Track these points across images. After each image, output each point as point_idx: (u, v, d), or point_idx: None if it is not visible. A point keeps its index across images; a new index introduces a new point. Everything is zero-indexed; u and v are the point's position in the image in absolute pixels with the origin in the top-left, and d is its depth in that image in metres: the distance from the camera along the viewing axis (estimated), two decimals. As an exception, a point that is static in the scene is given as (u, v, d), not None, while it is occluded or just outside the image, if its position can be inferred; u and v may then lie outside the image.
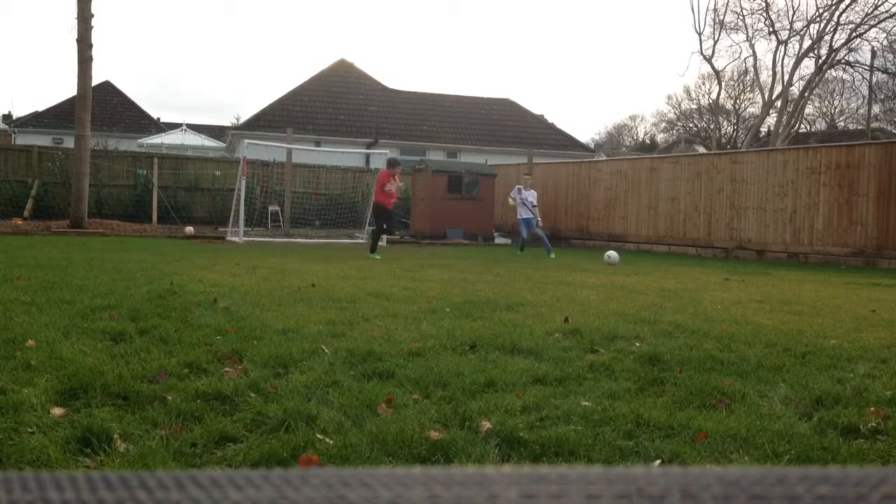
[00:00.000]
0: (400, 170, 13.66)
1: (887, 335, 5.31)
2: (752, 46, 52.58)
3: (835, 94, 41.64)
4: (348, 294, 6.81)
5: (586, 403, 3.22)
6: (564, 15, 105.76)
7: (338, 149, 24.87)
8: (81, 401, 3.09)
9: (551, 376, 3.73)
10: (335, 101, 30.12)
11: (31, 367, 3.55)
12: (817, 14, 32.14)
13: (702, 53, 37.28)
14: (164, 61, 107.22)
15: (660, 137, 58.33)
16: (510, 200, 15.47)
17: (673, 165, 18.84)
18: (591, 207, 20.78)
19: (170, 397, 3.13)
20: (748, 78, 41.38)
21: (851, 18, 31.74)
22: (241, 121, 33.71)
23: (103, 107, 35.15)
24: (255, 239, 16.93)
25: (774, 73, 34.29)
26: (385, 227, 13.50)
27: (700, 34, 40.40)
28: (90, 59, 17.46)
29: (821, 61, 32.71)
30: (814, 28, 32.60)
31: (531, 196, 15.05)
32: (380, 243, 13.59)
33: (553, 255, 14.37)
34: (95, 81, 19.22)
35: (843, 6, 31.00)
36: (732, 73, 44.69)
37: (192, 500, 0.32)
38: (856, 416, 3.12)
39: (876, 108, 36.19)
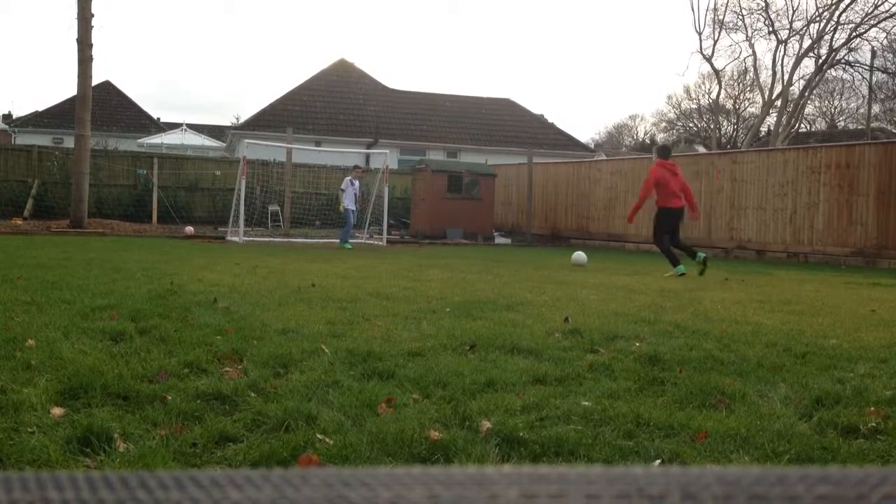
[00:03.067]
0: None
1: (887, 335, 5.31)
2: (751, 46, 52.63)
3: (835, 94, 41.66)
4: (348, 294, 6.81)
5: (586, 403, 3.22)
6: (564, 15, 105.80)
7: (338, 149, 24.88)
8: (81, 401, 3.09)
9: (551, 376, 3.73)
10: (335, 101, 30.13)
11: (31, 367, 3.55)
12: (817, 14, 32.18)
13: (702, 53, 37.26)
14: (164, 61, 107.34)
15: (660, 137, 58.29)
16: (344, 199, 16.00)
17: (673, 165, 18.83)
18: (591, 207, 20.78)
19: (170, 397, 3.13)
20: (748, 78, 41.43)
21: (851, 18, 31.77)
22: (241, 121, 33.73)
23: (103, 107, 35.13)
24: (255, 239, 16.93)
25: (774, 73, 34.33)
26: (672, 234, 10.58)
27: (700, 34, 40.38)
28: (90, 59, 17.46)
29: (821, 61, 32.72)
30: (814, 28, 32.65)
31: (357, 188, 16.33)
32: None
33: (349, 247, 15.35)
34: (95, 81, 19.22)
35: (843, 6, 31.03)
36: (732, 72, 44.73)
37: (192, 500, 0.32)
38: (856, 416, 3.12)
39: (876, 108, 36.22)
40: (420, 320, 5.35)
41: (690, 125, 53.19)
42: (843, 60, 32.99)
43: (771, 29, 33.91)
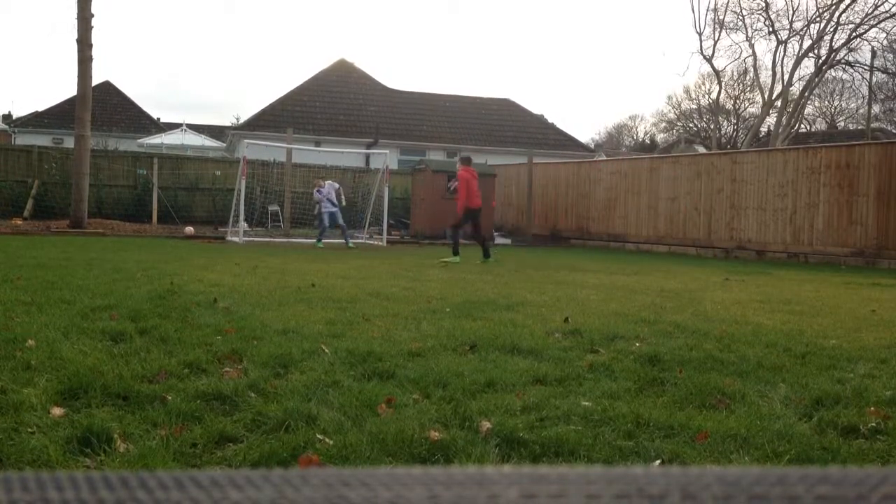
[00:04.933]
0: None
1: (887, 335, 5.31)
2: (751, 46, 52.61)
3: (835, 94, 41.63)
4: (348, 294, 6.81)
5: (586, 403, 3.22)
6: (564, 15, 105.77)
7: (338, 149, 24.87)
8: (81, 401, 3.09)
9: (551, 376, 3.73)
10: (335, 101, 30.11)
11: (31, 367, 3.55)
12: (817, 14, 32.15)
13: (702, 53, 37.18)
14: (164, 61, 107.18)
15: (660, 137, 58.28)
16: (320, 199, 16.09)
17: (673, 165, 18.84)
18: (591, 207, 20.77)
19: (170, 397, 3.13)
20: (748, 78, 41.40)
21: (851, 18, 31.74)
22: (241, 121, 33.71)
23: (103, 107, 35.12)
24: (255, 239, 16.93)
25: (774, 73, 34.30)
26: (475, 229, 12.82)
27: (700, 34, 40.27)
28: (90, 59, 17.47)
29: (821, 61, 32.71)
30: (814, 28, 32.63)
31: (333, 192, 16.22)
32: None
33: (352, 246, 15.71)
34: (95, 81, 19.22)
35: (843, 6, 31.01)
36: (732, 73, 44.68)
37: (192, 500, 0.32)
38: (856, 416, 3.12)
39: (876, 108, 36.17)
40: (420, 320, 5.35)
41: (690, 125, 53.15)
42: (842, 61, 32.99)
43: (771, 29, 33.91)
